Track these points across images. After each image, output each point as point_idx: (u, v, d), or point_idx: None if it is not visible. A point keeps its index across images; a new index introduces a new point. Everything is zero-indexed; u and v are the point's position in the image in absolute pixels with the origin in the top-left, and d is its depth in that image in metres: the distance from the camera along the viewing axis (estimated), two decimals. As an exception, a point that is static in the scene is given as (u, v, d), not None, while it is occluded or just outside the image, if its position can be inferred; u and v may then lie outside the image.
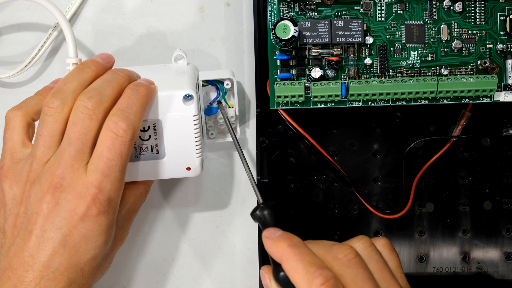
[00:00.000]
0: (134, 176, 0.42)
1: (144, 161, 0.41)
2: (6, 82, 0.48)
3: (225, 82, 0.44)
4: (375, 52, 0.43)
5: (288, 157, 0.48)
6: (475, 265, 0.48)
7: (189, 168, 0.42)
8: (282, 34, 0.40)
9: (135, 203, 0.42)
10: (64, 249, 0.36)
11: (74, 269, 0.36)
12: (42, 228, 0.36)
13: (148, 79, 0.40)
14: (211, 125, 0.46)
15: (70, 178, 0.36)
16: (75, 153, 0.36)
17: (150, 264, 0.49)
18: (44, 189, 0.36)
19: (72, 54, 0.43)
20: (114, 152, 0.36)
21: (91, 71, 0.39)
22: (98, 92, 0.37)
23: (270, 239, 0.35)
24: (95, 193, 0.36)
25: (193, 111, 0.40)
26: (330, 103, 0.43)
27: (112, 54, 0.42)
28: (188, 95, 0.40)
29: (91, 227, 0.36)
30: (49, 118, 0.37)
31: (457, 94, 0.42)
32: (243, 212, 0.49)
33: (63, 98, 0.37)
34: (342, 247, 0.34)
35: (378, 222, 0.48)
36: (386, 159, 0.48)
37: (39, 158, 0.37)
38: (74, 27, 0.47)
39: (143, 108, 0.38)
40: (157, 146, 0.41)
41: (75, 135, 0.36)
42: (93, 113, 0.37)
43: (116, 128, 0.36)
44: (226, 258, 0.49)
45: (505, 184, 0.48)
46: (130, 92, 0.38)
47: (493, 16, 0.42)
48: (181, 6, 0.47)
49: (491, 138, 0.48)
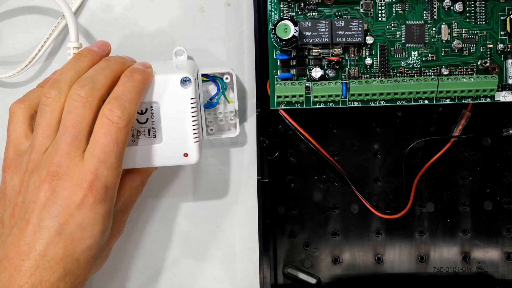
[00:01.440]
0: (131, 162, 0.41)
1: (142, 146, 0.41)
2: (6, 82, 0.48)
3: (224, 76, 0.44)
4: (375, 52, 0.43)
5: (288, 157, 0.48)
6: (475, 265, 0.48)
7: (186, 154, 0.42)
8: (282, 34, 0.40)
9: (131, 195, 0.42)
10: (60, 237, 0.36)
11: (70, 258, 0.37)
12: (39, 217, 0.36)
13: (144, 63, 0.41)
14: (211, 121, 0.46)
15: (67, 166, 0.36)
16: (71, 140, 0.37)
17: (150, 264, 0.49)
18: (42, 178, 0.36)
19: (73, 38, 0.43)
20: (110, 138, 0.37)
21: (87, 60, 0.40)
22: (91, 80, 0.38)
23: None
24: (91, 179, 0.36)
25: (190, 94, 0.40)
26: (330, 103, 0.43)
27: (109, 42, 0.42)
28: (186, 78, 0.40)
29: (87, 215, 0.36)
30: (46, 108, 0.38)
31: (458, 94, 0.42)
32: (243, 212, 0.49)
33: (59, 88, 0.38)
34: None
35: (378, 222, 0.48)
36: (387, 159, 0.48)
37: (38, 147, 0.38)
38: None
39: (138, 95, 0.39)
40: (154, 130, 0.41)
41: (70, 123, 0.37)
42: (87, 100, 0.37)
43: (111, 115, 0.37)
44: (226, 258, 0.49)
45: (505, 184, 0.48)
46: (125, 79, 0.39)
47: (494, 16, 0.42)
48: (181, 6, 0.47)
49: (492, 138, 0.48)
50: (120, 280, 0.49)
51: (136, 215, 0.49)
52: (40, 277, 0.36)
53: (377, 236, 0.48)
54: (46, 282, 0.36)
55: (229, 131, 0.46)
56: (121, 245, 0.49)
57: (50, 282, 0.36)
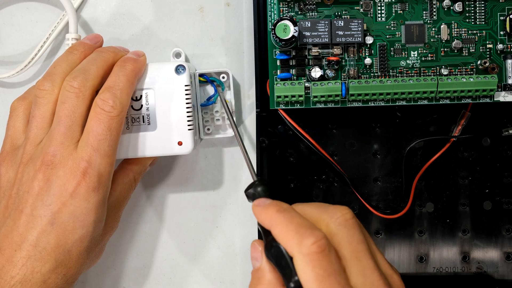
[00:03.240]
0: (125, 151, 0.41)
1: (136, 133, 0.41)
2: (6, 82, 0.49)
3: (221, 75, 0.45)
4: (375, 52, 0.43)
5: (288, 157, 0.48)
6: (475, 265, 0.48)
7: (180, 143, 0.42)
8: (282, 34, 0.40)
9: (124, 191, 0.42)
10: (52, 227, 0.36)
11: (62, 249, 0.37)
12: (32, 206, 0.36)
13: (137, 51, 0.42)
14: (208, 120, 0.46)
15: (61, 155, 0.37)
16: (65, 130, 0.37)
17: (150, 264, 0.49)
18: (37, 168, 0.37)
19: (72, 29, 0.43)
20: (103, 126, 0.37)
21: (79, 53, 0.41)
22: (83, 71, 0.39)
23: (260, 206, 0.34)
24: (85, 167, 0.37)
25: (184, 80, 0.41)
26: (330, 103, 0.43)
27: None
28: (181, 67, 0.41)
29: (80, 204, 0.37)
30: (41, 100, 0.38)
31: (457, 94, 0.42)
32: (243, 212, 0.49)
33: (53, 80, 0.39)
34: (339, 207, 0.34)
35: (378, 222, 0.48)
36: (386, 159, 0.48)
37: (32, 139, 0.38)
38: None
39: (130, 84, 0.39)
40: (148, 117, 0.41)
41: (63, 113, 0.37)
42: (79, 91, 0.38)
43: (103, 104, 0.37)
44: (226, 258, 0.49)
45: (505, 184, 0.48)
46: (117, 69, 0.39)
47: (493, 16, 0.42)
48: (181, 6, 0.47)
49: (491, 138, 0.48)
50: (120, 280, 0.49)
51: (135, 214, 0.49)
52: (32, 268, 0.36)
53: (377, 236, 0.48)
54: (37, 273, 0.36)
55: (225, 131, 0.47)
56: (120, 245, 0.49)
57: (41, 273, 0.36)
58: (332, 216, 0.33)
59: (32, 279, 0.36)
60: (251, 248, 0.35)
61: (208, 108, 0.46)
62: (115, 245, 0.49)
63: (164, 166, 0.48)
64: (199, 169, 0.48)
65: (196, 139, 0.43)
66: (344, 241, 0.32)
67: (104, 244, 0.41)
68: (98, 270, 0.49)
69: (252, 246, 0.35)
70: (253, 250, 0.35)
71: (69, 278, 0.38)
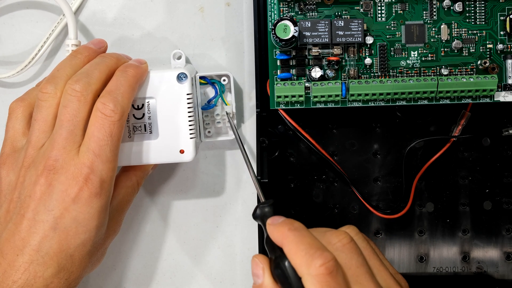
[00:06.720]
0: (127, 159, 0.41)
1: (138, 142, 0.41)
2: (6, 82, 0.48)
3: (222, 78, 0.45)
4: (375, 52, 0.43)
5: (288, 157, 0.48)
6: (475, 265, 0.48)
7: (182, 151, 0.42)
8: (282, 34, 0.40)
9: (127, 194, 0.42)
10: (55, 232, 0.36)
11: (64, 254, 0.37)
12: (35, 211, 0.36)
13: (139, 59, 0.41)
14: (208, 123, 0.46)
15: (63, 160, 0.37)
16: (67, 135, 0.37)
17: (150, 264, 0.49)
18: (39, 172, 0.37)
19: (72, 36, 0.43)
20: (104, 132, 0.37)
21: (83, 57, 0.40)
22: (86, 75, 0.38)
23: (273, 224, 0.35)
24: (87, 173, 0.36)
25: (186, 89, 0.41)
26: (330, 103, 0.43)
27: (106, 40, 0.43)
28: (183, 75, 0.41)
29: (83, 209, 0.36)
30: (43, 103, 0.38)
31: (457, 94, 0.42)
32: (243, 212, 0.49)
33: (56, 83, 0.38)
34: (336, 233, 0.35)
35: (378, 222, 0.48)
36: (386, 159, 0.48)
37: (34, 142, 0.38)
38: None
39: (131, 88, 0.39)
40: (150, 125, 0.41)
41: (65, 118, 0.37)
42: (81, 95, 0.37)
43: (104, 108, 0.37)
44: (226, 258, 0.49)
45: (505, 184, 0.48)
46: (118, 74, 0.39)
47: (493, 16, 0.42)
48: (181, 6, 0.47)
49: (491, 138, 0.48)
50: (120, 280, 0.49)
51: (135, 214, 0.49)
52: (34, 273, 0.36)
53: (377, 236, 0.48)
54: (39, 278, 0.36)
55: (226, 134, 0.46)
56: (121, 245, 0.49)
57: (43, 278, 0.36)
58: (329, 242, 0.34)
59: (35, 284, 0.36)
60: (252, 264, 0.36)
61: (208, 111, 0.46)
62: (117, 246, 0.49)
63: (165, 167, 0.48)
64: (199, 170, 0.48)
65: (197, 142, 0.43)
66: (343, 266, 0.33)
67: (106, 247, 0.41)
68: (99, 271, 0.49)
69: (253, 262, 0.36)
70: (254, 266, 0.35)
71: (71, 283, 0.38)
